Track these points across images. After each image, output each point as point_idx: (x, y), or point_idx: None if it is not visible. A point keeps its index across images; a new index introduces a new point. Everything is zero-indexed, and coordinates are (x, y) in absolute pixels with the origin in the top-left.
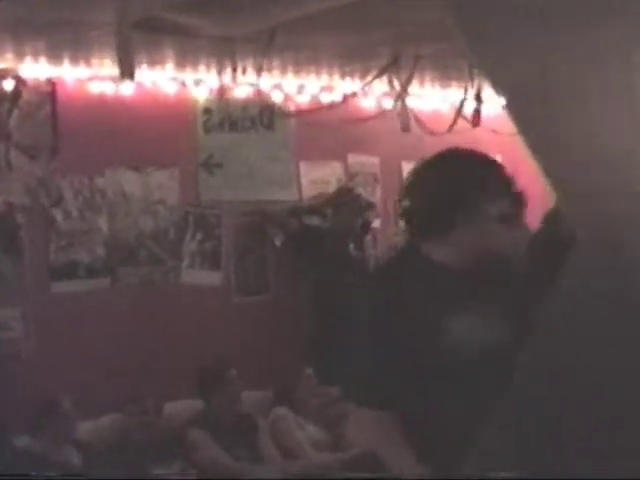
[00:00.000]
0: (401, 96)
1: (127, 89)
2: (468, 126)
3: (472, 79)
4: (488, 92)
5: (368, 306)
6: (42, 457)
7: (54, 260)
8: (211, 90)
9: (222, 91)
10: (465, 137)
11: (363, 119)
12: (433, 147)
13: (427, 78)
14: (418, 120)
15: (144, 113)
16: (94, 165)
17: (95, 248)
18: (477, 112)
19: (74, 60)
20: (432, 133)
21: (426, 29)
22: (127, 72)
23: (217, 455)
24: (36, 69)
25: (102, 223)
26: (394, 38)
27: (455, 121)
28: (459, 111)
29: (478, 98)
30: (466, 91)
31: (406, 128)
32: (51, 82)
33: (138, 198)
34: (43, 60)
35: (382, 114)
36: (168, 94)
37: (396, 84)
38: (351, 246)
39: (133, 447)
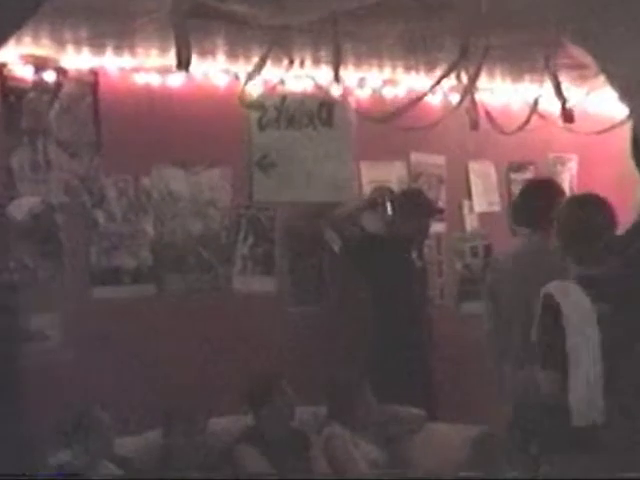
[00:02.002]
0: (469, 90)
1: (175, 81)
2: (541, 123)
3: (549, 71)
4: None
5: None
6: (80, 474)
7: (95, 264)
8: (266, 83)
9: (277, 85)
10: (539, 135)
11: (428, 116)
12: (503, 146)
13: (497, 71)
14: (488, 117)
15: (193, 107)
16: (139, 163)
17: (140, 252)
18: (565, 107)
19: (118, 50)
20: (503, 131)
21: (496, 17)
22: (184, 62)
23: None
24: (78, 59)
25: (147, 225)
26: (462, 27)
27: (529, 118)
28: (534, 107)
29: (559, 92)
30: (541, 85)
31: (474, 125)
32: (94, 73)
33: (186, 199)
34: (85, 50)
35: (448, 110)
36: (219, 87)
37: (464, 78)
38: (413, 254)
39: (176, 465)
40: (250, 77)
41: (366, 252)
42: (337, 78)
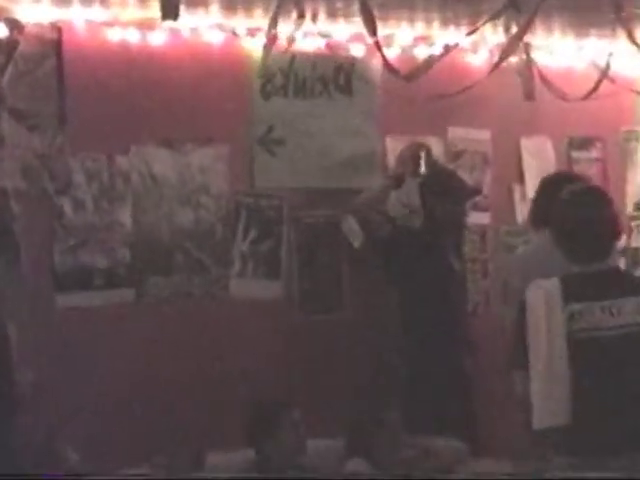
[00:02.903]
0: (517, 46)
1: (158, 38)
2: (612, 89)
3: (622, 24)
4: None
5: None
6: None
7: (60, 264)
8: (270, 41)
9: (285, 44)
10: (608, 104)
11: (469, 80)
12: (563, 118)
13: (556, 24)
14: (544, 81)
15: (181, 71)
16: (114, 140)
17: (115, 250)
18: None
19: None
20: (563, 99)
21: None
22: (171, 11)
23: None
24: (37, 10)
25: (125, 216)
26: None
27: (598, 84)
28: (605, 70)
29: (637, 46)
30: (612, 41)
31: (529, 93)
32: (57, 28)
33: (173, 184)
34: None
35: (496, 74)
36: (213, 46)
37: (514, 31)
38: (450, 250)
39: None
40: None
41: (393, 248)
42: (372, 30)
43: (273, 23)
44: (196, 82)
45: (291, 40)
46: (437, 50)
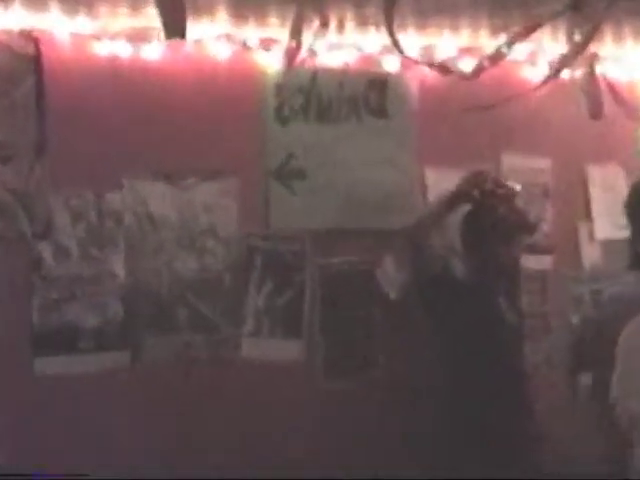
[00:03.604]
0: (588, 61)
1: (154, 52)
2: None
3: None
4: None
5: None
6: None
7: (40, 323)
8: (287, 55)
9: (306, 57)
10: None
11: (525, 98)
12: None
13: (627, 32)
14: (616, 99)
15: (182, 92)
16: (104, 174)
17: (106, 305)
18: None
19: (69, 6)
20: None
21: None
22: (176, 28)
23: None
24: (9, 18)
25: (117, 265)
26: None
27: None
28: None
29: None
30: None
31: (596, 112)
32: (34, 40)
33: (174, 226)
34: (20, 4)
35: (557, 90)
36: (220, 61)
37: (578, 39)
38: (501, 300)
39: None
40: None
41: (435, 297)
42: (397, 45)
43: (294, 32)
44: (200, 104)
45: (313, 53)
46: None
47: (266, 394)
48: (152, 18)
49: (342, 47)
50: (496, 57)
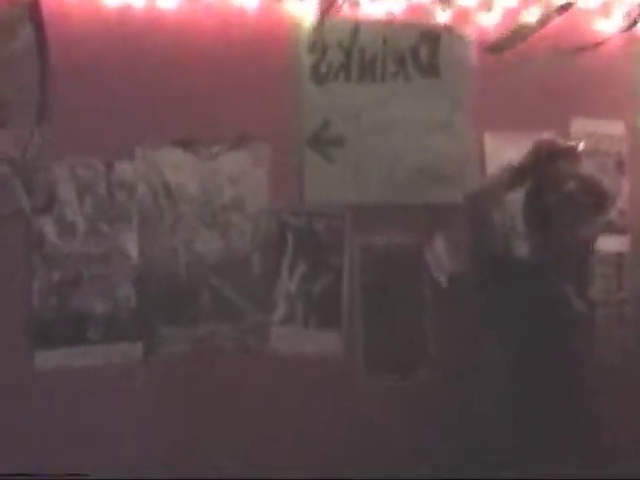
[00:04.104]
0: None
1: (171, 1)
2: None
3: None
4: None
5: None
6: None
7: (41, 310)
8: (324, 5)
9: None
10: None
11: (597, 53)
12: None
13: None
14: None
15: (203, 47)
16: (114, 140)
17: (117, 289)
18: None
19: None
20: None
21: None
22: None
23: None
24: None
25: (130, 244)
26: None
27: None
28: None
29: None
30: None
31: None
32: None
33: (194, 199)
34: None
35: (631, 44)
36: (247, 12)
37: None
38: (567, 284)
39: None
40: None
41: (500, 283)
42: None
43: None
44: (224, 61)
45: (354, 2)
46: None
47: (298, 392)
48: None
49: None
50: (564, 6)
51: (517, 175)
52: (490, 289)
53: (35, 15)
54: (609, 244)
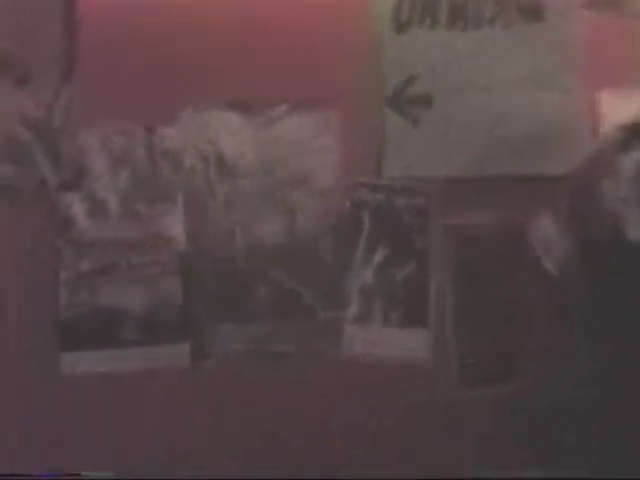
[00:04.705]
0: None
1: None
2: None
3: None
4: None
5: None
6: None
7: (68, 305)
8: None
9: None
10: None
11: None
12: None
13: None
14: None
15: None
16: (155, 100)
17: (159, 281)
18: None
19: None
20: None
21: None
22: None
23: None
24: None
25: (174, 226)
26: None
27: None
28: None
29: None
30: None
31: None
32: None
33: (252, 172)
34: None
35: None
36: None
37: None
38: None
39: None
40: None
41: (608, 269)
42: None
43: None
44: (285, 6)
45: None
46: None
47: (375, 404)
48: None
49: None
50: None
51: (623, 140)
52: (596, 280)
53: None
54: None
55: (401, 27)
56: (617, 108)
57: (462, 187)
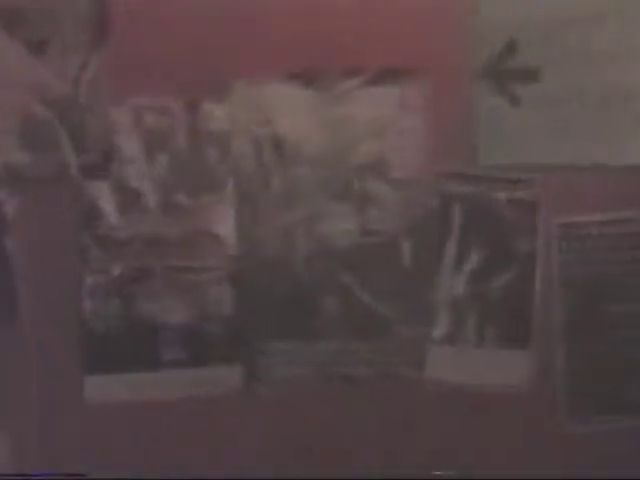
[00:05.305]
0: None
1: None
2: None
3: None
4: None
5: None
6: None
7: (94, 317)
8: None
9: None
10: None
11: None
12: None
13: None
14: None
15: None
16: (199, 71)
17: (205, 289)
18: None
19: None
20: None
21: None
22: None
23: None
24: None
25: (223, 223)
26: None
27: None
28: None
29: None
30: None
31: None
32: None
33: (318, 158)
34: None
35: None
36: None
37: None
38: None
39: None
40: None
41: None
42: None
43: None
44: None
45: None
46: None
47: (467, 437)
48: None
49: None
50: None
51: None
52: None
53: None
54: None
55: None
56: None
57: (574, 177)
